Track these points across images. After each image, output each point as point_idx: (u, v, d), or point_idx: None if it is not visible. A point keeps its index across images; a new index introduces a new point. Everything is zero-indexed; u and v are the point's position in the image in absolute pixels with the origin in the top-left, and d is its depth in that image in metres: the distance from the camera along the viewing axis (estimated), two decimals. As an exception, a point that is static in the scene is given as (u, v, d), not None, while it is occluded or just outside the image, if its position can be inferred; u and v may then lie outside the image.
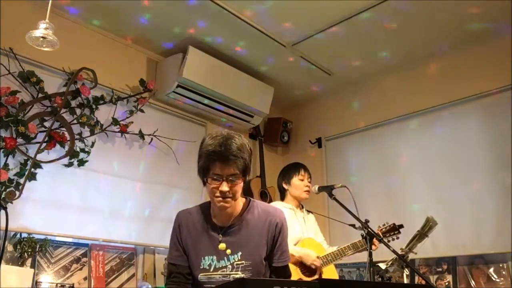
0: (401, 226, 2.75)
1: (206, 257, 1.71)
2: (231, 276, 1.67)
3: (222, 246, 1.71)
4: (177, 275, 1.74)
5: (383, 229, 2.74)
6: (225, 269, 1.68)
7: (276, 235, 1.74)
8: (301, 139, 4.55)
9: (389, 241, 2.69)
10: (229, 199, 1.65)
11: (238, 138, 1.66)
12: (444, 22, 3.25)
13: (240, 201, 1.77)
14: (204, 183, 1.68)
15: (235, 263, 1.69)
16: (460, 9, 3.09)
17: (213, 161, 1.61)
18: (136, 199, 3.36)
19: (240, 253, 1.69)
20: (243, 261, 1.68)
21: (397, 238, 2.72)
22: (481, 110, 3.38)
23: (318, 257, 2.72)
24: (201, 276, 1.70)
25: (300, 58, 3.74)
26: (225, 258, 1.70)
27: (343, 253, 2.74)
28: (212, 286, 1.66)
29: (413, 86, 3.79)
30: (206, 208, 1.80)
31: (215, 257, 1.70)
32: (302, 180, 2.92)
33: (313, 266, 2.69)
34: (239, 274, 1.67)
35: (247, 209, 1.76)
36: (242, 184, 1.67)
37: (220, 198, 1.64)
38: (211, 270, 1.69)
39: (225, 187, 1.62)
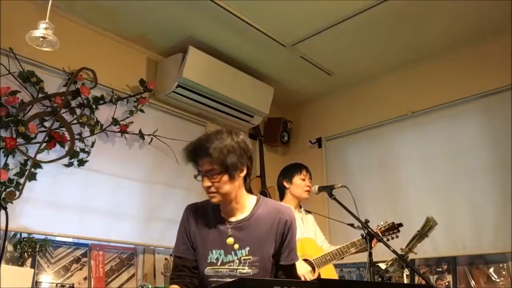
0: (400, 224, 2.74)
1: (214, 251, 1.70)
2: (238, 271, 1.66)
3: (230, 240, 1.70)
4: (183, 268, 1.73)
5: (382, 228, 2.73)
6: (232, 264, 1.68)
7: (285, 233, 1.73)
8: (301, 139, 4.55)
9: (388, 240, 2.68)
10: (215, 194, 1.67)
11: (224, 134, 1.66)
12: (443, 22, 3.25)
13: (250, 198, 1.78)
14: None
15: (242, 258, 1.68)
16: (460, 9, 3.09)
17: (190, 159, 1.68)
18: (136, 199, 3.36)
19: (248, 248, 1.69)
20: (251, 257, 1.68)
21: (397, 237, 2.71)
22: (481, 110, 3.37)
23: (313, 260, 2.71)
24: (208, 270, 1.69)
25: (300, 58, 3.74)
26: (233, 252, 1.69)
27: (342, 253, 2.73)
28: (219, 279, 1.66)
29: (413, 86, 3.79)
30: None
31: (222, 251, 1.69)
32: (303, 179, 2.92)
33: (302, 278, 2.60)
34: (246, 269, 1.66)
35: (257, 205, 1.77)
36: (226, 179, 1.64)
37: (208, 193, 1.68)
38: (218, 264, 1.69)
39: (206, 182, 1.66)
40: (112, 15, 3.23)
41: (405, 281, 2.72)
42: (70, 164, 3.01)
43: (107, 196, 3.19)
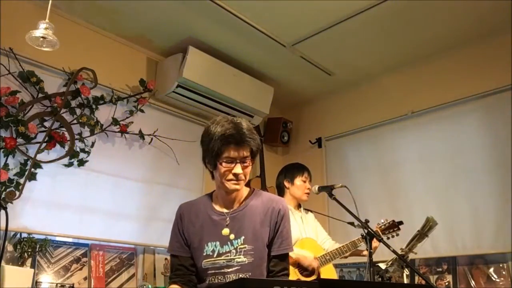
0: (400, 222, 2.73)
1: (209, 243, 1.71)
2: (235, 260, 1.68)
3: (225, 231, 1.72)
4: (180, 267, 1.74)
5: (382, 226, 2.72)
6: (229, 254, 1.69)
7: (278, 222, 1.75)
8: (301, 139, 4.55)
9: (388, 238, 2.67)
10: (241, 181, 1.70)
11: (246, 122, 1.74)
12: (443, 22, 3.25)
13: (245, 189, 1.80)
14: (214, 167, 1.70)
15: (238, 247, 1.69)
16: (460, 9, 3.09)
17: (227, 144, 1.65)
18: (136, 199, 3.36)
19: (243, 238, 1.70)
20: (246, 246, 1.69)
21: (397, 235, 2.70)
22: (481, 110, 3.37)
23: (315, 258, 2.71)
24: (205, 263, 1.70)
25: (300, 58, 3.74)
26: (229, 243, 1.70)
27: (342, 252, 2.72)
28: (216, 271, 1.68)
29: (413, 86, 3.79)
30: (207, 198, 1.83)
31: (218, 243, 1.71)
32: (304, 182, 2.91)
33: (310, 268, 2.66)
34: (242, 258, 1.68)
35: (251, 196, 1.80)
36: (251, 166, 1.72)
37: (234, 181, 1.68)
38: (215, 256, 1.70)
39: (239, 169, 1.67)
40: (112, 15, 3.23)
41: (405, 281, 2.72)
42: (70, 164, 3.01)
43: (107, 196, 3.19)
